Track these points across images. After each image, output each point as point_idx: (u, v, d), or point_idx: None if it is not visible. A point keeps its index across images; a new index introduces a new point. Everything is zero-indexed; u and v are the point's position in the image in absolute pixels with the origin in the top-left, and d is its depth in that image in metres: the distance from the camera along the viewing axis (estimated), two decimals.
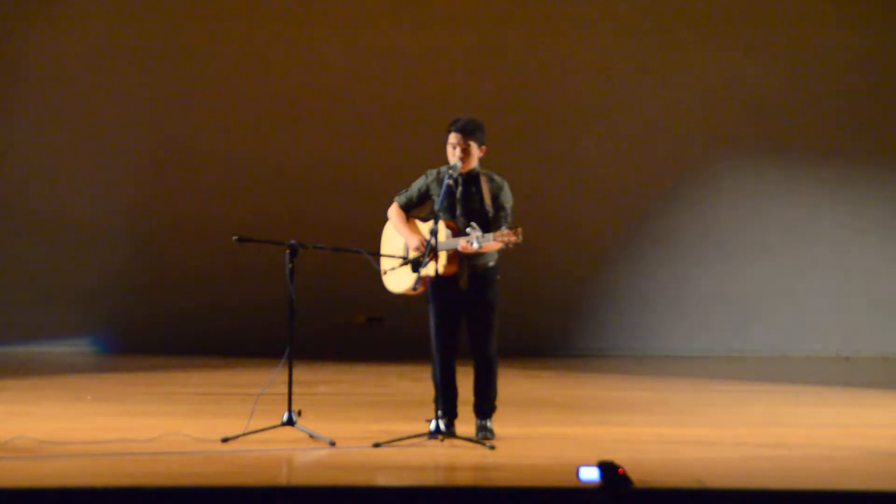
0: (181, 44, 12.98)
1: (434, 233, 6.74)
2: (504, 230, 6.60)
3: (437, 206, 6.85)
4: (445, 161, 6.93)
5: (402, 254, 6.98)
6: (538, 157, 12.88)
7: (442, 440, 6.61)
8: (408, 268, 6.92)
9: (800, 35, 13.11)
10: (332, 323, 12.86)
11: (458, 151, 6.88)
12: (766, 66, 13.12)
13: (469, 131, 6.90)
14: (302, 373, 9.37)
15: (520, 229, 6.57)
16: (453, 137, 6.92)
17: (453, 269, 6.82)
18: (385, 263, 7.06)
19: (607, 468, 5.18)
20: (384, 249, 7.14)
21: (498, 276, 6.96)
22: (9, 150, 12.93)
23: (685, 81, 13.10)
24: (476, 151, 6.93)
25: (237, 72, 13.02)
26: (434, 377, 6.80)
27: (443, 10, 13.09)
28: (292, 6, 13.05)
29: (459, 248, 6.68)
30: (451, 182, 6.87)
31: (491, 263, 6.93)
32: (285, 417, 6.75)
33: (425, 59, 13.07)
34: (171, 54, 12.98)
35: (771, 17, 13.13)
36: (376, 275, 7.14)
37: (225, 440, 6.64)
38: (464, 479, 6.09)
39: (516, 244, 6.58)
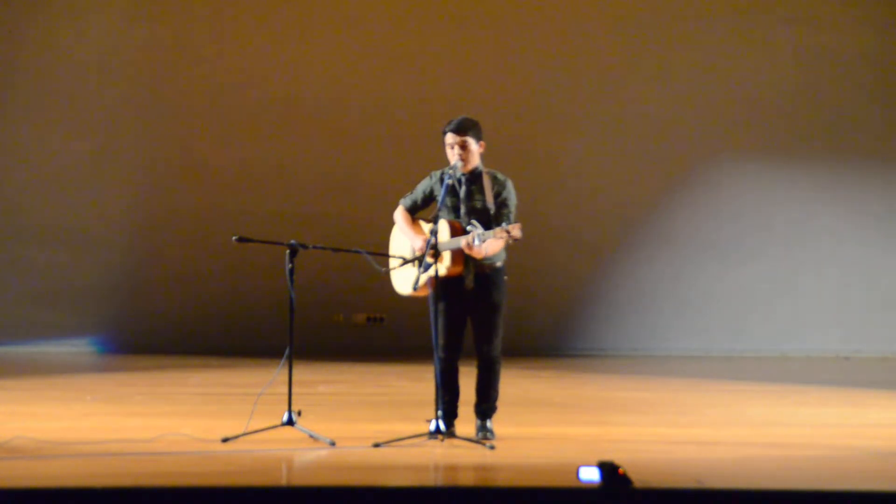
0: (180, 45, 12.99)
1: (434, 232, 6.73)
2: (503, 226, 6.57)
3: (438, 206, 6.85)
4: (447, 162, 6.93)
5: (408, 255, 6.98)
6: (538, 157, 12.89)
7: (442, 440, 6.61)
8: (414, 269, 6.90)
9: (799, 35, 13.12)
10: (332, 323, 12.87)
11: (456, 150, 6.88)
12: (765, 66, 13.13)
13: (464, 129, 6.89)
14: (302, 373, 9.37)
15: (519, 224, 6.55)
16: (450, 138, 6.91)
17: (458, 269, 6.81)
18: (388, 264, 7.06)
19: (607, 468, 5.18)
20: (391, 252, 7.14)
21: (505, 277, 6.94)
22: (8, 152, 12.93)
23: (685, 81, 13.11)
24: (475, 148, 6.92)
25: (237, 72, 13.03)
26: (436, 377, 6.78)
27: (443, 10, 13.10)
28: (291, 8, 13.06)
29: (463, 248, 6.67)
30: (451, 182, 6.87)
31: (498, 264, 6.90)
32: (285, 417, 6.75)
33: (426, 59, 13.08)
34: (170, 56, 12.99)
35: (770, 18, 13.15)
36: (376, 275, 7.14)
37: (225, 440, 6.64)
38: (464, 479, 6.08)
39: (516, 240, 6.56)
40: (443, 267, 6.79)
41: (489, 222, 6.77)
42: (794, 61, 13.15)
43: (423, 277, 6.76)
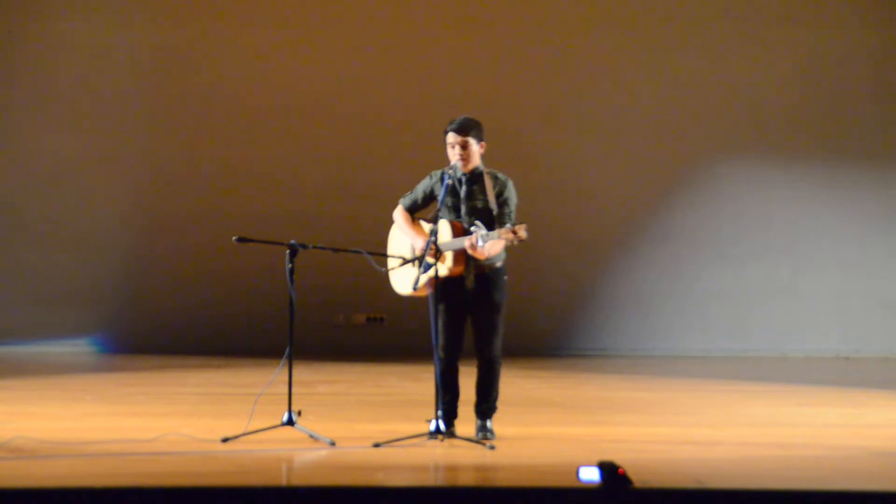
0: (178, 46, 12.99)
1: (434, 232, 6.73)
2: (507, 227, 6.57)
3: (438, 206, 6.84)
4: (448, 161, 6.93)
5: (408, 255, 6.97)
6: (538, 157, 12.89)
7: (442, 440, 6.61)
8: (414, 269, 6.89)
9: (799, 35, 13.12)
10: (332, 323, 12.87)
11: (457, 150, 6.88)
12: (765, 66, 13.13)
13: (466, 129, 6.89)
14: (302, 373, 9.38)
15: (524, 225, 6.54)
16: (451, 137, 6.91)
17: (460, 269, 6.80)
18: (387, 264, 7.06)
19: (607, 468, 5.18)
20: (390, 251, 7.13)
21: (505, 277, 6.94)
22: (8, 152, 12.93)
23: (686, 81, 13.11)
24: (476, 148, 6.92)
25: (236, 72, 13.02)
26: (436, 377, 6.78)
27: (443, 11, 13.09)
28: (292, 8, 13.05)
29: (466, 248, 6.66)
30: (450, 182, 6.87)
31: (498, 264, 6.90)
32: (285, 417, 6.75)
33: (426, 59, 13.08)
34: (169, 56, 12.99)
35: (770, 17, 13.14)
36: (376, 275, 7.14)
37: (225, 440, 6.64)
38: (464, 479, 6.08)
39: (521, 241, 6.54)
40: (444, 267, 6.79)
41: (491, 222, 6.77)
42: (793, 61, 13.15)
43: (424, 278, 6.76)
